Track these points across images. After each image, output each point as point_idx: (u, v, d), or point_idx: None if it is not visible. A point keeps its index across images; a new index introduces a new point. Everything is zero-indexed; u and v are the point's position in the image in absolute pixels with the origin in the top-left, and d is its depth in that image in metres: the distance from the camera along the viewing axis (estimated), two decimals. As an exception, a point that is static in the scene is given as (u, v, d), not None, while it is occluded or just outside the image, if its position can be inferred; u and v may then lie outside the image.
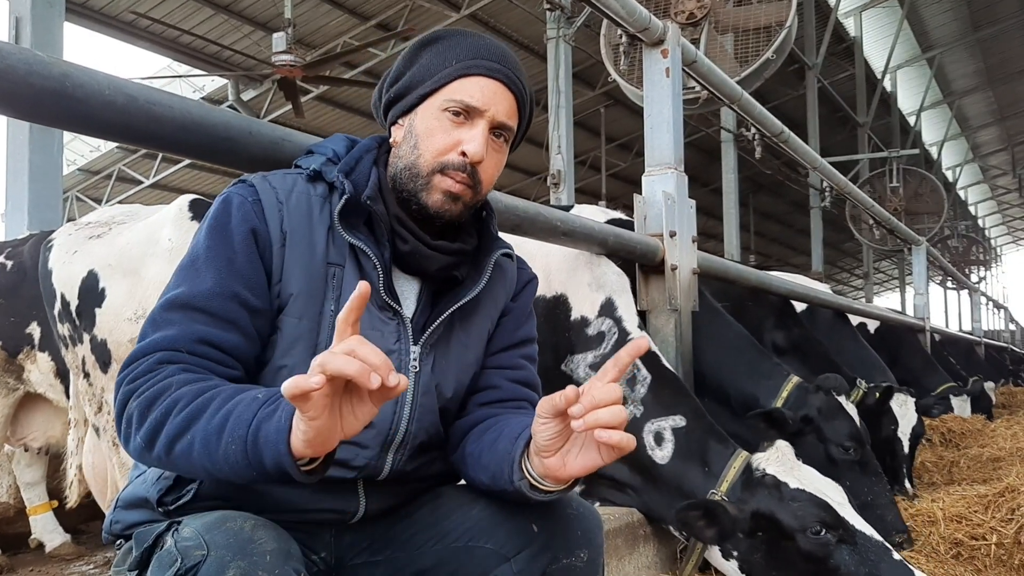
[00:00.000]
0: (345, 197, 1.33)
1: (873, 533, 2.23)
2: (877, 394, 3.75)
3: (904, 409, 3.87)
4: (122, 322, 2.56)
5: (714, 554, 2.31)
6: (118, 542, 1.35)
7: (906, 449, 3.79)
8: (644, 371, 2.63)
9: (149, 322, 1.25)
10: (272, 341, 1.31)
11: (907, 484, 3.71)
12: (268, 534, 1.12)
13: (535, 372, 1.56)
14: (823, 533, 2.17)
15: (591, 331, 2.76)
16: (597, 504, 2.60)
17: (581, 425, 1.08)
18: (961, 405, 5.70)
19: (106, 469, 2.77)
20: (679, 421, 2.51)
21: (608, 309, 2.78)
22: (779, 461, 2.34)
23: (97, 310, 2.60)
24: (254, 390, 1.14)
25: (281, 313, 1.31)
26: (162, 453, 1.14)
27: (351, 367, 0.96)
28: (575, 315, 2.79)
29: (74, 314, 2.67)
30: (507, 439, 1.30)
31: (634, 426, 2.55)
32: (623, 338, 2.71)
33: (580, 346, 2.74)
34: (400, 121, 1.42)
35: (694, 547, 2.37)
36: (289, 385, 0.96)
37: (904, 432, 3.81)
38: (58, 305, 2.73)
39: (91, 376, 2.68)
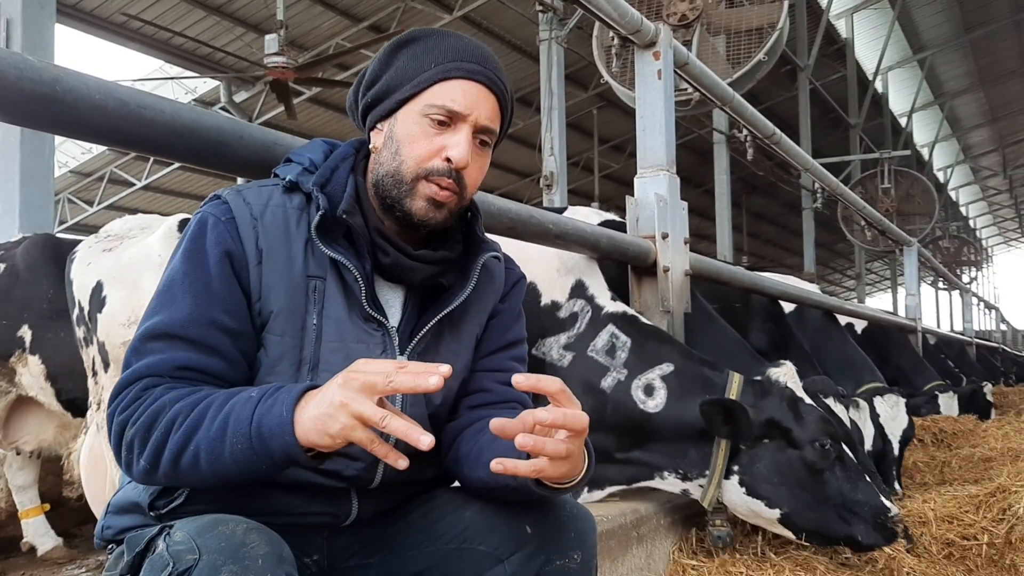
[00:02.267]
0: (320, 213, 1.31)
1: (852, 457, 2.46)
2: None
3: (895, 411, 3.89)
4: (116, 327, 2.72)
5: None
6: (110, 547, 1.34)
7: (896, 451, 3.80)
8: (623, 337, 2.68)
9: (131, 351, 1.25)
10: (258, 358, 1.30)
11: (896, 485, 3.72)
12: (260, 538, 1.12)
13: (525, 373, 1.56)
14: (828, 447, 2.38)
15: (562, 314, 2.81)
16: (591, 496, 2.61)
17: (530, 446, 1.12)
18: (948, 403, 5.70)
19: (105, 465, 2.81)
20: (667, 368, 2.57)
21: (579, 290, 2.83)
22: (790, 377, 2.53)
23: (99, 315, 2.78)
24: (247, 390, 1.16)
25: (264, 331, 1.30)
26: (168, 470, 1.16)
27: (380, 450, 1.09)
28: (545, 300, 2.84)
29: (87, 318, 2.87)
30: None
31: (621, 389, 2.60)
32: (597, 313, 2.76)
33: (552, 330, 2.78)
34: (379, 126, 1.40)
35: (712, 479, 2.46)
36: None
37: (893, 433, 3.82)
38: (76, 310, 2.94)
39: (97, 375, 2.85)
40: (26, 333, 3.29)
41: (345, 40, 13.82)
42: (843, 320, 6.12)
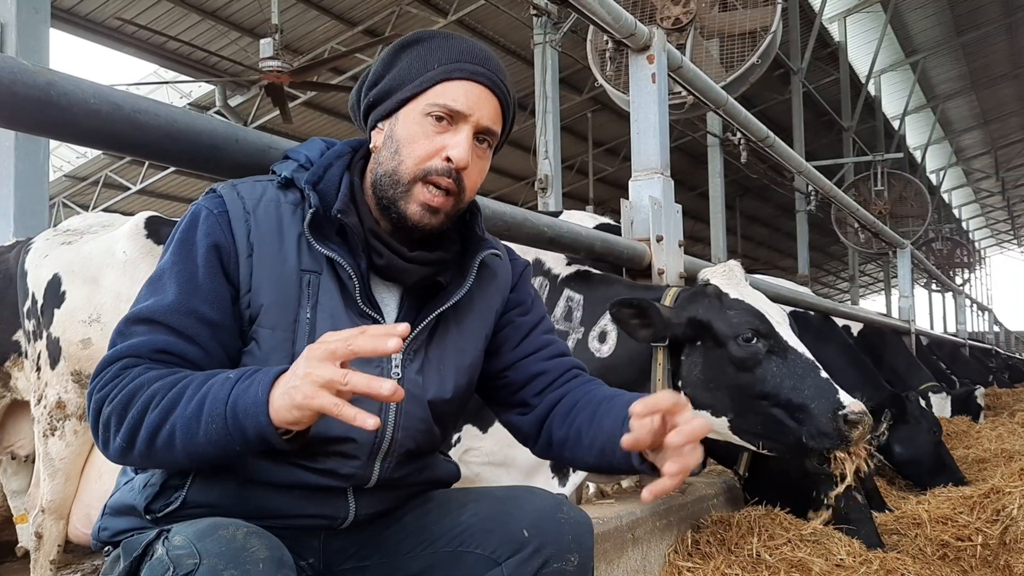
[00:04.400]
0: (312, 211, 1.31)
1: (805, 351, 2.25)
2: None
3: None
4: (76, 323, 2.70)
5: None
6: (106, 549, 1.34)
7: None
8: (576, 296, 2.67)
9: (116, 333, 1.27)
10: (249, 352, 1.30)
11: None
12: (261, 542, 1.12)
13: (562, 341, 1.62)
14: (754, 341, 2.21)
15: None
16: (575, 476, 2.59)
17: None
18: (940, 403, 5.72)
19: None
20: None
21: (536, 268, 2.85)
22: (726, 275, 2.40)
23: (56, 310, 2.74)
24: (225, 372, 1.17)
25: (254, 324, 1.30)
26: (143, 448, 1.17)
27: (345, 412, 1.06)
28: None
29: (39, 312, 2.80)
30: (612, 418, 1.39)
31: (580, 347, 2.56)
32: (554, 282, 2.77)
33: None
34: (380, 125, 1.40)
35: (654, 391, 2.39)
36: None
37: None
38: (28, 303, 2.87)
39: (41, 371, 2.82)
40: (21, 338, 3.27)
41: (340, 44, 13.83)
42: (840, 323, 6.16)
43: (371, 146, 1.41)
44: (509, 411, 1.58)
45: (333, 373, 1.06)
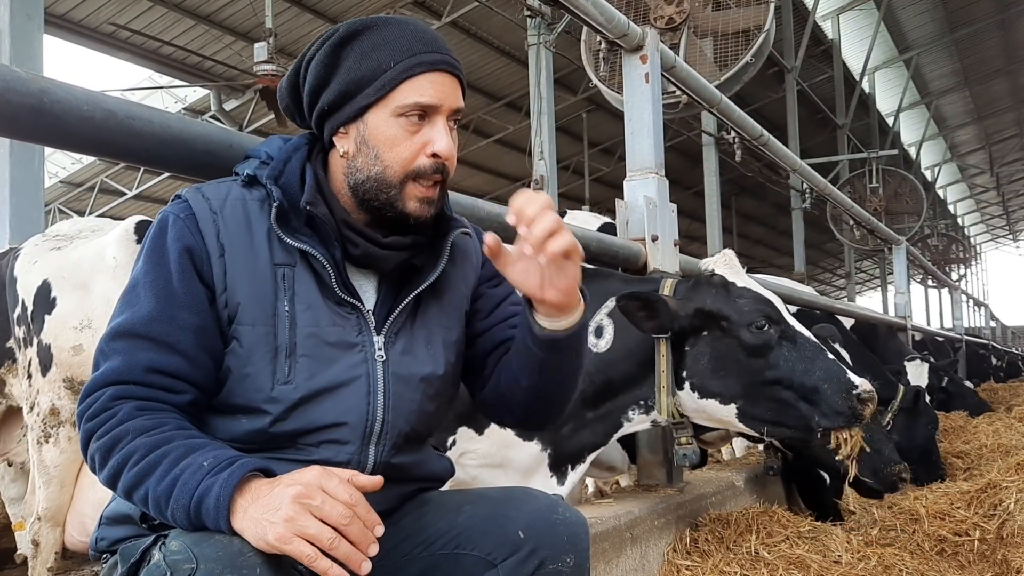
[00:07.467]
0: (276, 205, 1.31)
1: (812, 336, 2.30)
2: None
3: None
4: (67, 330, 2.69)
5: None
6: (104, 556, 1.35)
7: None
8: None
9: (99, 352, 1.27)
10: (232, 351, 1.30)
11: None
12: None
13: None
14: (766, 328, 2.24)
15: None
16: (575, 473, 2.58)
17: (529, 250, 1.31)
18: (916, 370, 5.72)
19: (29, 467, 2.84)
20: (611, 303, 2.49)
21: None
22: (727, 265, 2.42)
23: (47, 316, 2.73)
24: (202, 453, 1.18)
25: (233, 323, 1.30)
26: (122, 495, 1.21)
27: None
28: None
29: (29, 318, 2.80)
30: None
31: None
32: None
33: None
34: (343, 130, 1.38)
35: (660, 385, 2.40)
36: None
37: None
38: (19, 309, 2.87)
39: (32, 378, 2.81)
40: (13, 344, 3.27)
41: (334, 47, 13.79)
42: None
43: (341, 153, 1.39)
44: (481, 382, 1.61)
45: (318, 532, 1.08)
